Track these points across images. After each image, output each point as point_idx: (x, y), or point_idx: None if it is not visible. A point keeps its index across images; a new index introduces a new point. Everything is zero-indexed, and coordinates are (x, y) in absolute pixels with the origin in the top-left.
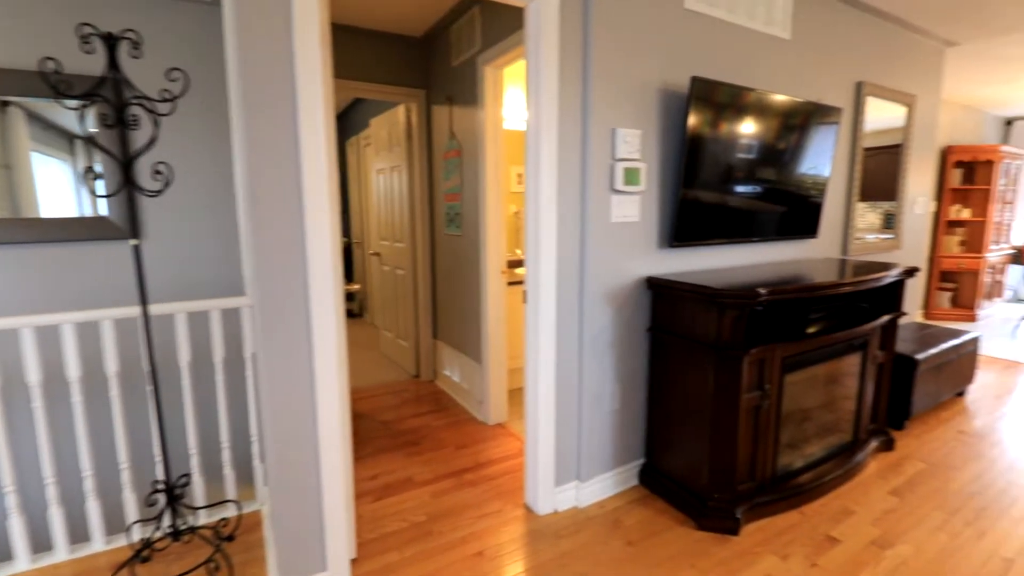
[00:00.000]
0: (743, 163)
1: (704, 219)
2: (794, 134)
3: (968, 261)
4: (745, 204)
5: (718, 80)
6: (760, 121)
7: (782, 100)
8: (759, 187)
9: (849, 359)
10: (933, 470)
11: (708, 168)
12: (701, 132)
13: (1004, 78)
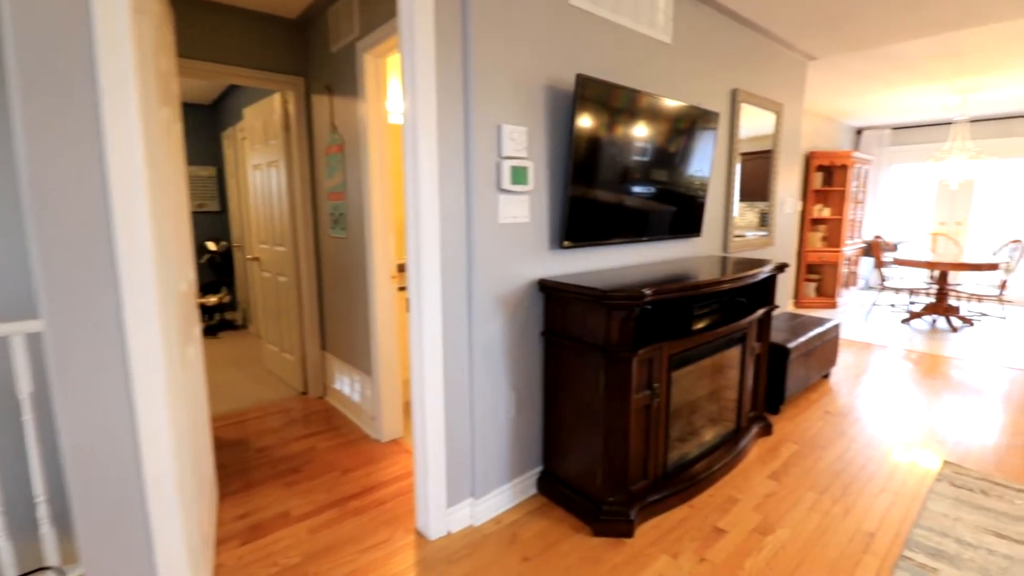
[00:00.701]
0: (630, 163)
1: (594, 219)
2: (678, 136)
3: (829, 254)
4: (634, 204)
5: (604, 79)
6: (645, 122)
7: (666, 102)
8: (646, 187)
9: (730, 352)
10: (805, 451)
11: (596, 168)
12: (588, 131)
13: (855, 91)
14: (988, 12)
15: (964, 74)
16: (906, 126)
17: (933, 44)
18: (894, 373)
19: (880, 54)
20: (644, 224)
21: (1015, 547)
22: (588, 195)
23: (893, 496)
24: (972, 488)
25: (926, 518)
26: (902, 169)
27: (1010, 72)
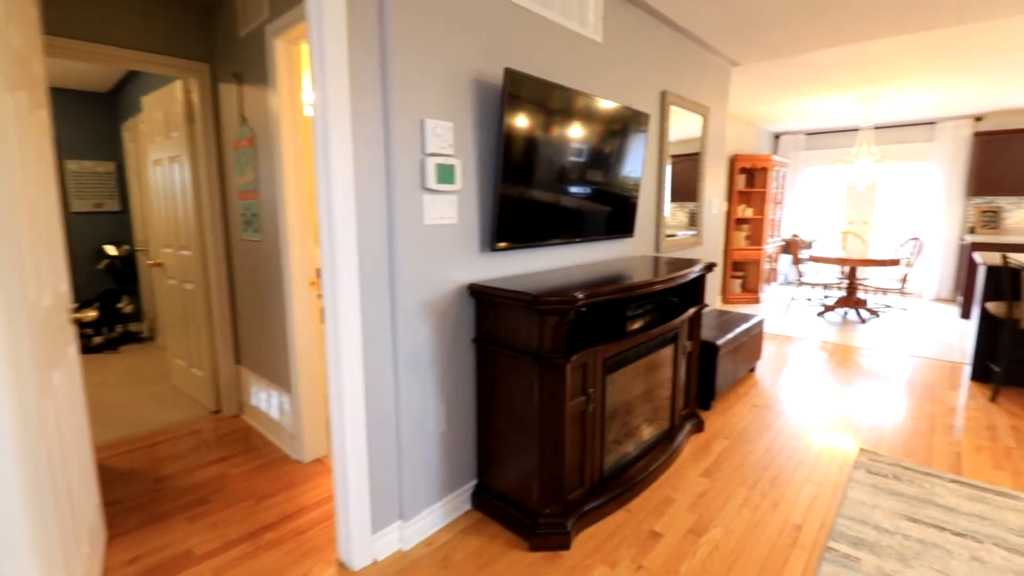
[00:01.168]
0: (563, 163)
1: (527, 220)
2: (610, 136)
3: (752, 252)
4: (567, 204)
5: (534, 75)
6: (577, 121)
7: (597, 101)
8: (580, 188)
9: (664, 351)
10: (736, 446)
11: (527, 167)
12: (518, 128)
13: (774, 97)
14: (891, 25)
15: (869, 84)
16: (819, 132)
17: (843, 54)
18: (812, 364)
19: (797, 62)
20: (578, 225)
21: (926, 530)
22: (520, 195)
23: (817, 487)
24: (886, 474)
25: (847, 507)
26: (815, 172)
27: (907, 83)
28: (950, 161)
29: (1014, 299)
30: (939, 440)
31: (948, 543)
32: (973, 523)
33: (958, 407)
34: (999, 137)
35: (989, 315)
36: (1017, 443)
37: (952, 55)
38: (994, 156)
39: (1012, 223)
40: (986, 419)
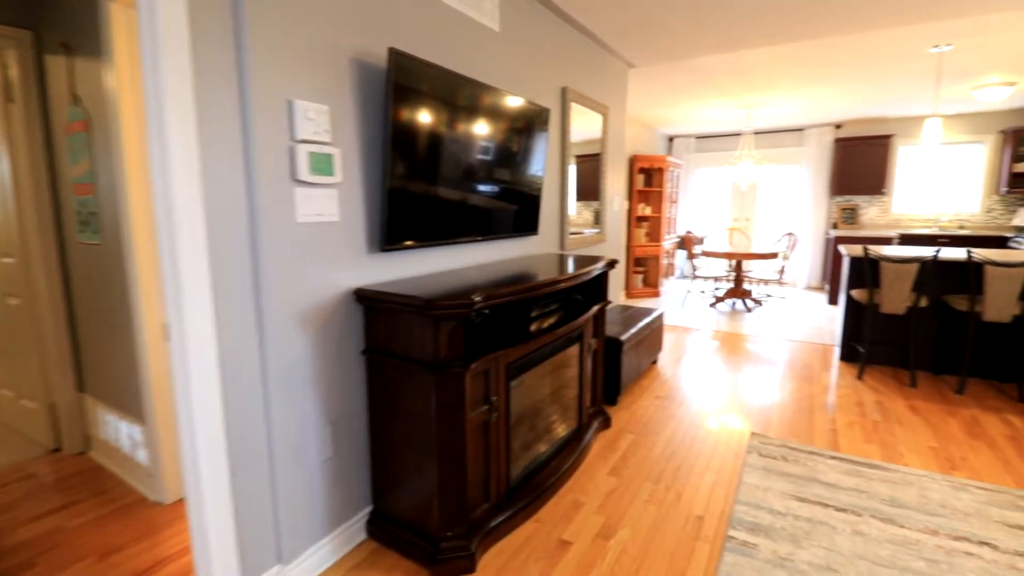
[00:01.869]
0: (461, 156)
1: (422, 217)
2: (510, 129)
3: (652, 248)
4: (468, 200)
5: (423, 58)
6: (474, 112)
7: (495, 91)
8: (481, 183)
9: (569, 351)
10: (641, 439)
11: (420, 158)
12: (407, 116)
13: (667, 102)
14: (765, 36)
15: (749, 91)
16: (707, 135)
17: (726, 62)
18: (707, 353)
19: (687, 67)
20: (480, 223)
21: (813, 509)
22: (413, 190)
23: (716, 475)
24: (775, 456)
25: (743, 492)
26: (705, 173)
27: (780, 92)
28: (816, 164)
29: (875, 287)
30: (818, 418)
31: (832, 519)
32: (852, 497)
33: (831, 386)
34: (855, 143)
35: (854, 301)
36: (882, 417)
37: (815, 66)
38: (851, 159)
39: (867, 219)
40: (855, 396)
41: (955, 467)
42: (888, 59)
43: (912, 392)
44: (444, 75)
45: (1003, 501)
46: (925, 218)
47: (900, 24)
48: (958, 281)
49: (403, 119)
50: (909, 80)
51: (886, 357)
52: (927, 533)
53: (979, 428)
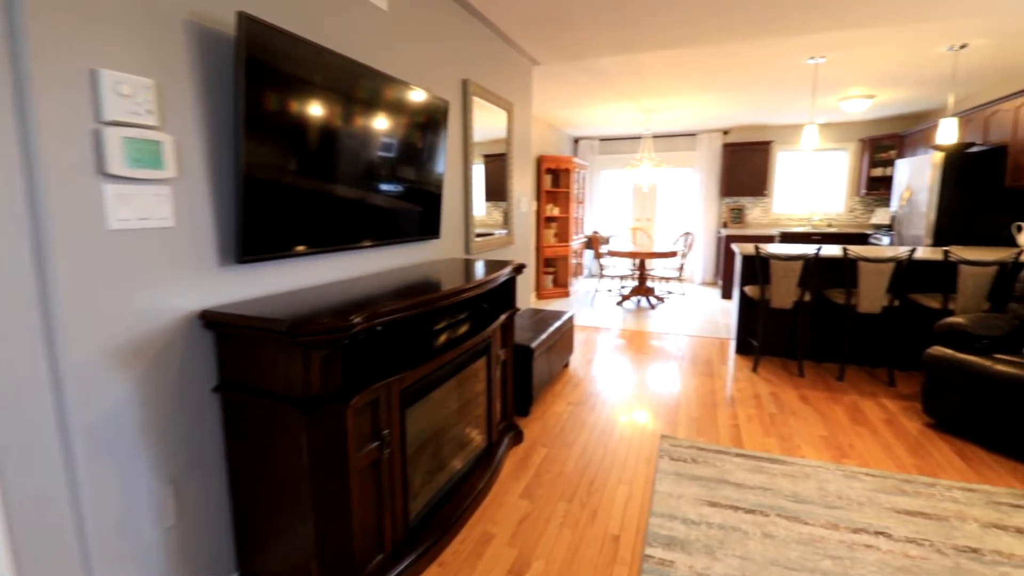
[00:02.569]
0: (337, 146)
1: (292, 220)
2: (402, 119)
3: (561, 249)
4: (349, 199)
5: (285, 29)
6: (354, 95)
7: (382, 75)
8: (365, 178)
9: (476, 365)
10: (554, 452)
11: (287, 149)
12: (266, 96)
13: (571, 103)
14: (661, 39)
15: (647, 96)
16: (610, 138)
17: (625, 63)
18: (615, 353)
19: (589, 67)
20: (366, 225)
21: (724, 513)
22: (280, 187)
23: (629, 486)
24: (685, 458)
25: (658, 503)
26: (609, 174)
27: (675, 98)
28: (707, 167)
29: (765, 283)
30: (721, 414)
31: (743, 523)
32: (759, 496)
33: (731, 380)
34: (740, 148)
35: (747, 297)
36: (778, 409)
37: (706, 73)
38: (737, 163)
39: (752, 218)
40: (752, 389)
41: (845, 455)
42: (770, 69)
43: (801, 382)
44: (314, 49)
45: (889, 487)
46: (800, 217)
47: (774, 35)
48: (835, 276)
49: (261, 100)
50: (789, 89)
51: (776, 349)
52: (829, 528)
53: (860, 414)
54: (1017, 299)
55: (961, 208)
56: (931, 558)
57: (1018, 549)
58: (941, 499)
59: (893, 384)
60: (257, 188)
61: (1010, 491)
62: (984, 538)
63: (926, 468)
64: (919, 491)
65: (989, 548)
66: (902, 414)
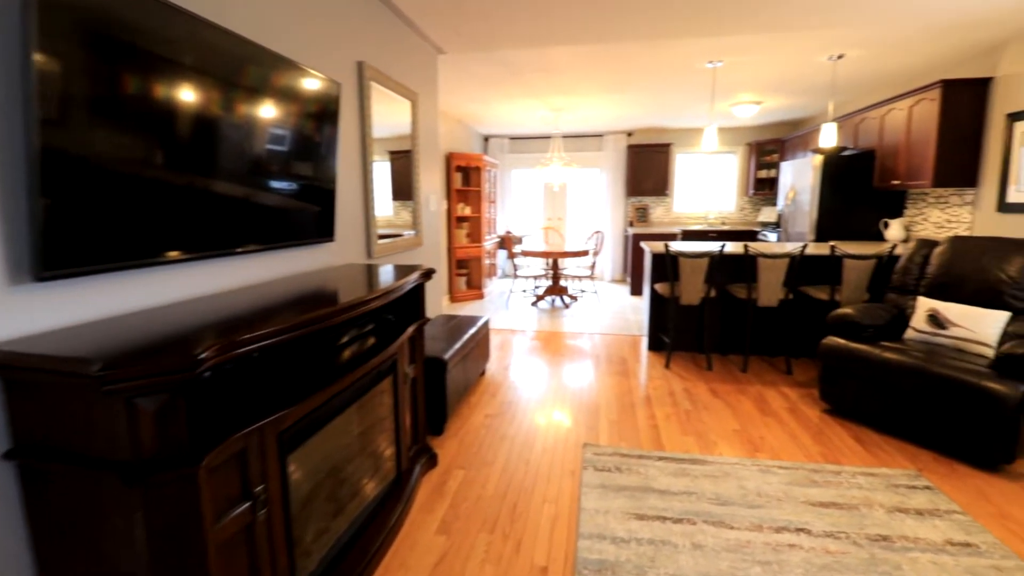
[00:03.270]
0: (188, 127)
1: (126, 217)
2: (278, 99)
3: (473, 249)
4: (211, 193)
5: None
6: (211, 63)
7: (245, 42)
8: (228, 168)
9: (380, 386)
10: (472, 474)
11: (111, 126)
12: (82, 57)
13: (480, 98)
14: (566, 33)
15: (556, 93)
16: (520, 137)
17: (533, 57)
18: (533, 356)
19: (498, 60)
20: (240, 227)
21: (653, 527)
22: (106, 175)
23: (555, 506)
24: (609, 467)
25: (585, 522)
26: (520, 173)
27: (583, 97)
28: (613, 167)
29: (675, 280)
30: (640, 414)
31: (672, 535)
32: (684, 503)
33: (646, 378)
34: (643, 149)
35: (658, 294)
36: (692, 405)
37: (611, 74)
38: (641, 164)
39: (655, 217)
40: (667, 386)
41: (758, 448)
42: (673, 71)
43: (710, 375)
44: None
45: (801, 478)
46: (698, 216)
47: (681, 35)
48: (737, 272)
49: (73, 63)
50: (689, 92)
51: (686, 344)
52: (754, 530)
53: (766, 404)
54: (894, 289)
55: (838, 206)
56: (849, 552)
57: (921, 532)
58: (848, 487)
59: (790, 372)
60: (68, 180)
61: (904, 472)
62: (891, 524)
63: (830, 455)
64: (828, 480)
65: (897, 534)
66: (802, 402)
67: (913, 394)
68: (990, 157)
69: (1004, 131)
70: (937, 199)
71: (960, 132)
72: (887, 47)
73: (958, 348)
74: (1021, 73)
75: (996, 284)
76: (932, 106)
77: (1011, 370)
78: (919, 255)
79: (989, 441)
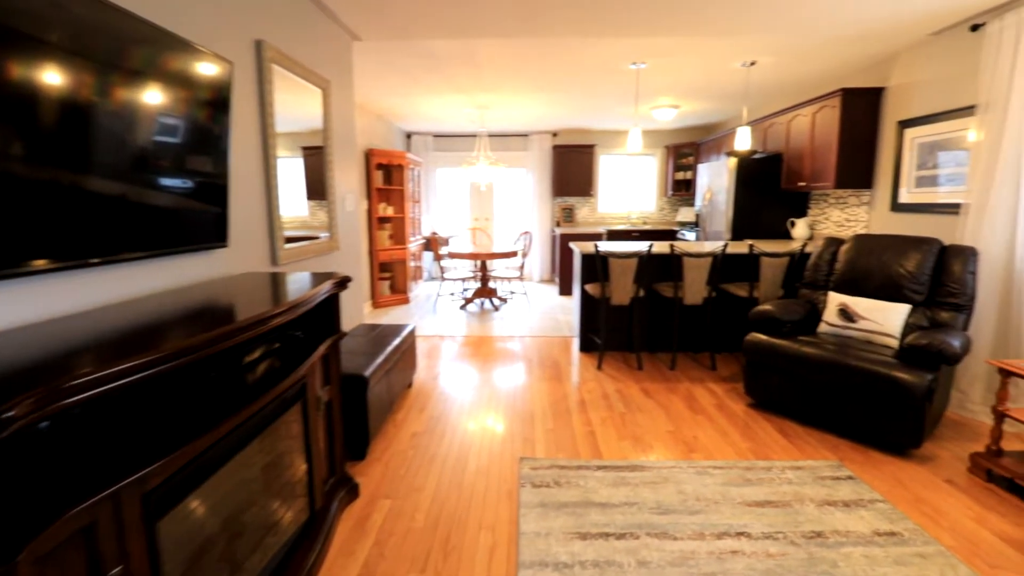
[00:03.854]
0: (35, 115)
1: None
2: (142, 75)
3: (397, 252)
4: (72, 190)
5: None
6: (82, 39)
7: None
8: (83, 158)
9: (286, 417)
10: (400, 505)
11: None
12: None
13: (401, 91)
14: (483, 24)
15: (481, 90)
16: (445, 135)
17: (456, 50)
18: (463, 363)
19: (419, 51)
20: (108, 230)
21: (596, 546)
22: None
23: (492, 533)
24: (548, 483)
25: (525, 548)
26: (445, 172)
27: (509, 94)
28: (539, 168)
29: (606, 280)
30: (576, 421)
31: (616, 553)
32: (626, 515)
33: (580, 381)
34: (568, 150)
35: (588, 295)
36: (626, 407)
37: (537, 72)
38: (566, 165)
39: (581, 217)
40: (600, 388)
41: (692, 449)
42: (598, 71)
43: (641, 375)
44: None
45: (735, 478)
46: (621, 216)
47: (593, 33)
48: (664, 271)
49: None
50: (613, 93)
51: (616, 343)
52: (696, 539)
53: (696, 402)
54: (806, 285)
55: (751, 206)
56: (788, 552)
57: (851, 525)
58: (779, 483)
59: (715, 368)
60: None
61: (828, 464)
62: (823, 519)
63: (759, 451)
64: (760, 478)
65: (830, 529)
66: (728, 397)
67: (830, 386)
68: (884, 161)
69: (896, 137)
70: (837, 200)
71: (858, 137)
72: (795, 55)
73: (867, 340)
74: (909, 83)
75: (897, 279)
76: (833, 113)
77: (914, 359)
78: (827, 252)
79: (900, 428)
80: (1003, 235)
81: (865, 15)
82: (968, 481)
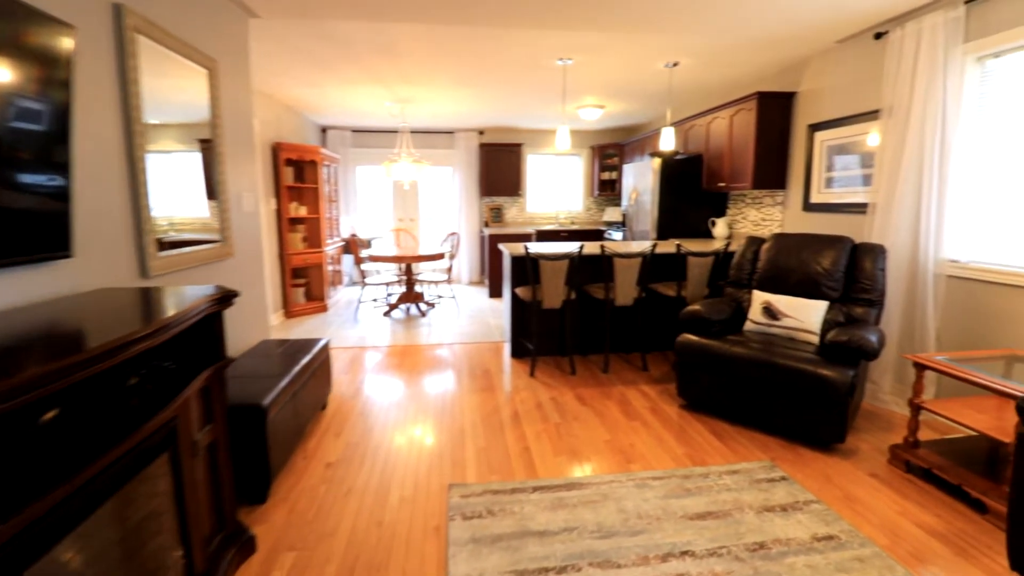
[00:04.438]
0: None
1: None
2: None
3: (312, 256)
4: None
5: None
6: None
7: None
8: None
9: (148, 472)
10: (308, 556)
11: None
12: None
13: (312, 80)
14: (408, 8)
15: (402, 82)
16: (364, 130)
17: (374, 36)
18: (386, 376)
19: (328, 33)
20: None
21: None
22: None
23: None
24: (480, 512)
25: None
26: (366, 170)
27: (432, 88)
28: (466, 166)
29: (537, 283)
30: (509, 436)
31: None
32: (566, 543)
33: (512, 390)
34: (495, 148)
35: (519, 299)
36: (561, 417)
37: (462, 66)
38: (494, 164)
39: (510, 217)
40: (533, 398)
41: (630, 459)
42: (524, 66)
43: (575, 380)
44: None
45: (675, 488)
46: (549, 216)
47: (515, 24)
48: (595, 273)
49: None
50: (539, 90)
51: (548, 348)
52: (640, 564)
53: (630, 407)
54: (730, 283)
55: (675, 206)
56: (734, 570)
57: (790, 531)
58: (718, 490)
59: (647, 368)
60: None
61: (761, 464)
62: (763, 527)
63: (695, 456)
64: (699, 486)
65: (771, 538)
66: (661, 399)
67: (759, 384)
68: (796, 163)
69: (807, 140)
70: (754, 200)
71: (773, 140)
72: (713, 57)
73: (790, 337)
74: (819, 88)
75: (815, 276)
76: (750, 115)
77: (836, 356)
78: (750, 251)
79: (825, 424)
80: (907, 233)
81: (771, 21)
82: (889, 472)
